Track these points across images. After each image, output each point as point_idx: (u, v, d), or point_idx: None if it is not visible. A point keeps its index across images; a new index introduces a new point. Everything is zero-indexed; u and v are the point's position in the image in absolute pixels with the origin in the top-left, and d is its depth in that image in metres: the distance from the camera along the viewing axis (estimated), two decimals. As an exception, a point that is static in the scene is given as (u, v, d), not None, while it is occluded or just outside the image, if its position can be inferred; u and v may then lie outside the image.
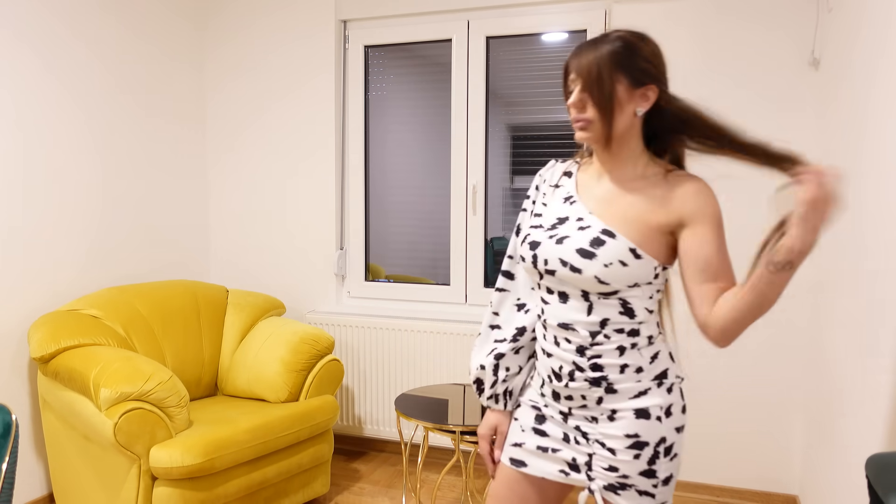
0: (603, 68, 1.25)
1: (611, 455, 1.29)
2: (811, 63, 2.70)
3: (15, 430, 1.43)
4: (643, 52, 1.27)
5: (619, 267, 1.27)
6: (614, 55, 1.25)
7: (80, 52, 2.86)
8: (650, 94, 1.28)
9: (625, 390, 1.29)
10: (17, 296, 2.64)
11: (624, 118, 1.29)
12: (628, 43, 1.26)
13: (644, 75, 1.27)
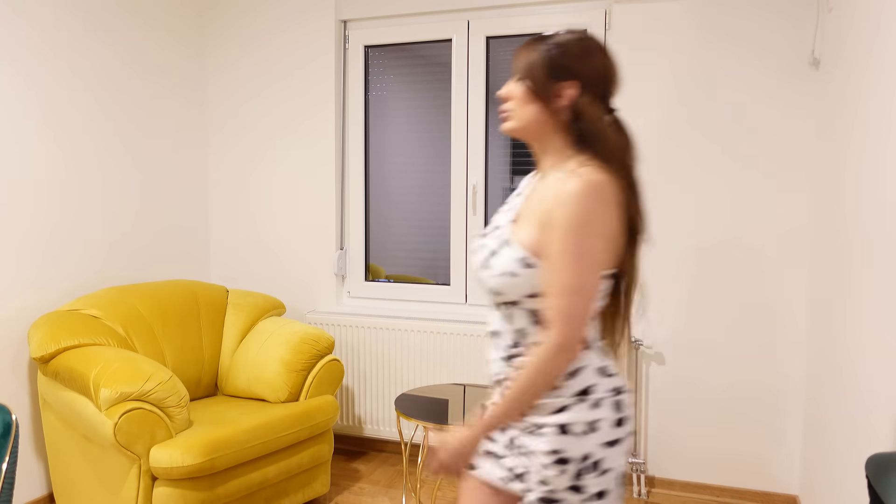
0: (529, 63, 1.26)
1: (541, 468, 1.25)
2: (811, 63, 2.70)
3: (15, 430, 1.43)
4: (570, 50, 1.25)
5: (510, 278, 1.24)
6: (542, 52, 1.26)
7: (82, 42, 2.86)
8: (569, 92, 1.25)
9: (544, 405, 1.26)
10: (17, 296, 2.64)
11: (539, 111, 1.27)
12: (559, 41, 1.26)
13: (563, 72, 1.24)
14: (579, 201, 1.16)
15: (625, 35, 2.92)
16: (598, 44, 1.27)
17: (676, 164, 2.90)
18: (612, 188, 1.19)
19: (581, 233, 1.16)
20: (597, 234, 1.17)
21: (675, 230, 2.91)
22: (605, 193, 1.17)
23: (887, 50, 1.76)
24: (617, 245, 1.24)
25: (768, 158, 2.78)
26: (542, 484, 1.25)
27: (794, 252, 2.77)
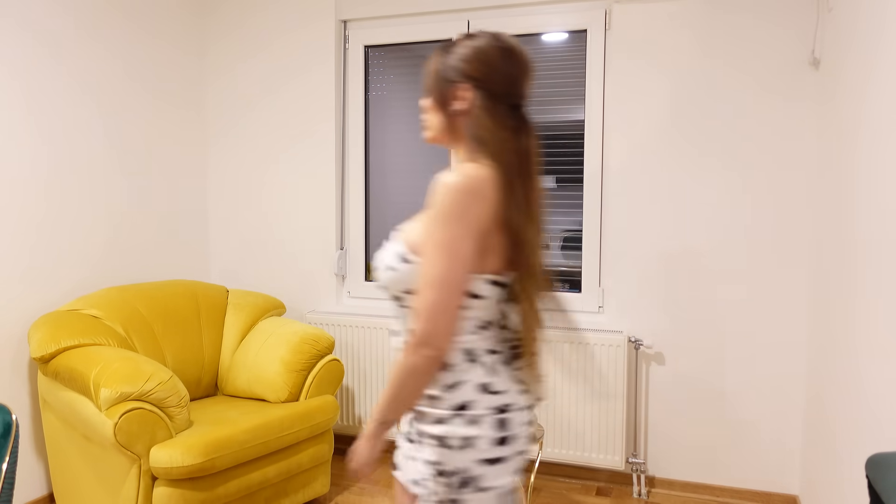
0: (428, 73, 1.28)
1: (428, 477, 1.24)
2: (811, 63, 2.70)
3: (15, 430, 1.43)
4: (463, 52, 1.24)
5: (390, 272, 1.24)
6: (438, 61, 1.27)
7: (82, 48, 2.86)
8: (466, 94, 1.24)
9: (427, 415, 1.25)
10: (17, 296, 2.64)
11: (445, 117, 1.28)
12: (453, 47, 1.27)
13: (457, 74, 1.24)
14: (450, 193, 1.14)
15: (625, 35, 2.92)
16: (497, 44, 1.25)
17: (676, 164, 2.90)
18: (489, 185, 1.16)
19: (448, 224, 1.13)
20: (465, 227, 1.13)
21: (675, 230, 2.91)
22: (478, 188, 1.14)
23: (889, 49, 1.76)
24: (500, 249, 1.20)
25: (768, 158, 2.78)
26: (432, 493, 1.24)
27: (795, 252, 2.77)
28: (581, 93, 3.07)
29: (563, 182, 3.13)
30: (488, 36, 1.25)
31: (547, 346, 2.99)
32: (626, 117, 2.95)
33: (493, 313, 1.26)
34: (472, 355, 1.25)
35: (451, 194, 1.13)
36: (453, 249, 1.13)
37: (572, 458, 2.99)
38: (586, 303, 3.10)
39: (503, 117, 1.22)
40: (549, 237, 3.18)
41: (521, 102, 1.26)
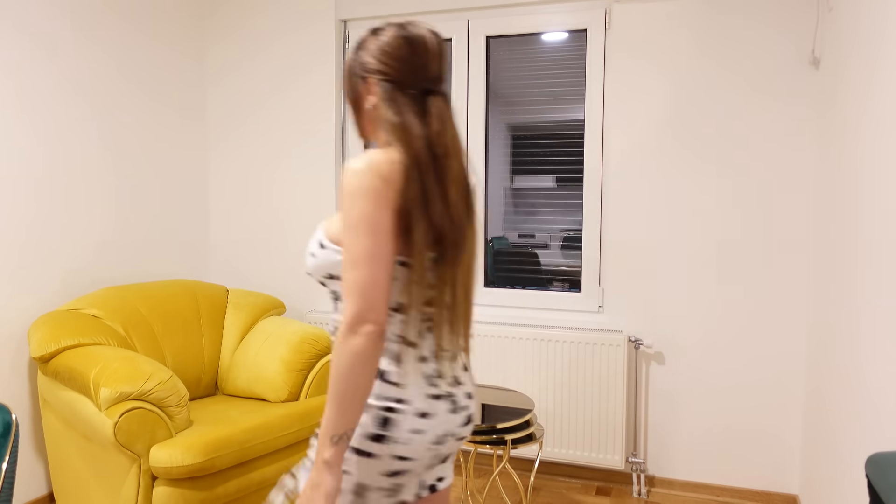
0: (348, 69, 1.31)
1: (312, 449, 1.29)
2: (811, 62, 2.70)
3: (15, 430, 1.43)
4: (368, 44, 1.26)
5: (310, 258, 1.27)
6: (353, 55, 1.29)
7: (81, 49, 2.86)
8: (374, 88, 1.25)
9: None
10: (17, 295, 2.64)
11: (362, 112, 1.31)
12: (362, 38, 1.29)
13: (365, 69, 1.26)
14: (357, 175, 1.16)
15: (625, 34, 2.92)
16: (401, 33, 1.24)
17: (676, 163, 2.90)
18: (395, 168, 1.17)
19: (360, 201, 1.14)
20: (377, 202, 1.14)
21: (676, 229, 2.91)
22: (383, 170, 1.16)
23: (891, 48, 1.76)
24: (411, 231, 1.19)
25: (768, 157, 2.78)
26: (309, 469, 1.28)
27: (795, 252, 2.77)
28: (581, 92, 3.07)
29: (562, 182, 3.13)
30: (394, 27, 1.25)
31: (547, 345, 2.99)
32: (626, 117, 2.95)
33: (405, 297, 1.22)
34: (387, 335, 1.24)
35: (357, 176, 1.16)
36: (370, 223, 1.13)
37: (572, 458, 2.99)
38: (586, 302, 3.10)
39: (409, 105, 1.22)
40: (549, 236, 3.18)
41: (431, 87, 1.25)
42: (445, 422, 1.25)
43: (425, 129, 1.21)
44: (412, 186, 1.17)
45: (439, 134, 1.22)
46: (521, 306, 3.20)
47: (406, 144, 1.19)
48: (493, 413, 2.40)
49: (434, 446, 1.24)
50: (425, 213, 1.18)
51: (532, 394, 3.05)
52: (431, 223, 1.19)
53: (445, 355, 1.27)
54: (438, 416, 1.24)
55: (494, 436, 2.31)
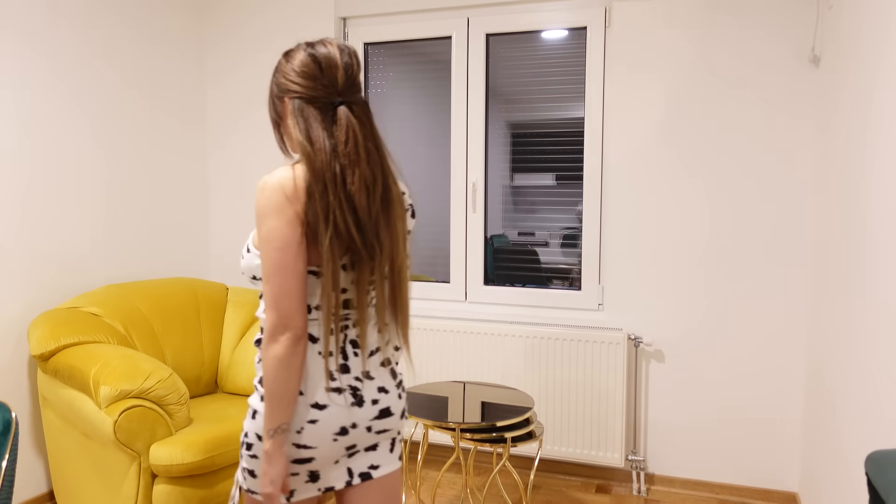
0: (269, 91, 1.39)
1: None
2: (811, 60, 2.70)
3: (15, 428, 1.43)
4: (282, 67, 1.34)
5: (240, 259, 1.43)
6: (272, 78, 1.38)
7: (80, 51, 2.86)
8: (287, 107, 1.34)
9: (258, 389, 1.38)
10: (16, 293, 2.64)
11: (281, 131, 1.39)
12: (278, 62, 1.37)
13: (279, 88, 1.34)
14: (262, 192, 1.26)
15: (625, 32, 2.92)
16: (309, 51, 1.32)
17: (676, 161, 2.89)
18: (296, 183, 1.25)
19: (266, 219, 1.24)
20: (281, 218, 1.24)
21: (675, 227, 2.91)
22: (286, 186, 1.25)
23: (890, 46, 1.76)
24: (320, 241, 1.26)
25: (768, 154, 2.78)
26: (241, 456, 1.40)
27: (795, 249, 2.77)
28: (581, 90, 3.07)
29: (562, 180, 3.13)
30: (303, 47, 1.33)
31: (547, 343, 2.99)
32: (626, 115, 2.95)
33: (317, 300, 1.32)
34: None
35: (263, 193, 1.26)
36: (278, 239, 1.24)
37: (572, 456, 3.00)
38: (586, 300, 3.10)
39: (319, 118, 1.29)
40: (549, 234, 3.18)
41: (341, 99, 1.31)
42: (346, 414, 1.34)
43: (332, 141, 1.28)
44: (314, 200, 1.25)
45: (345, 143, 1.28)
46: (521, 304, 3.20)
47: (309, 160, 1.26)
48: (492, 411, 2.40)
49: (338, 437, 1.33)
50: (329, 225, 1.25)
51: (532, 392, 3.05)
52: (337, 232, 1.26)
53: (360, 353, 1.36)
54: (335, 408, 1.32)
55: (494, 434, 2.31)
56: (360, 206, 1.29)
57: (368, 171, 1.30)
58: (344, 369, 1.34)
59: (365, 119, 1.33)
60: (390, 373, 1.41)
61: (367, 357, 1.37)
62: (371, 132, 1.33)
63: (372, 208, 1.31)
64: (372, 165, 1.31)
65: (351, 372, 1.35)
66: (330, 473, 1.37)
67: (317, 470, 1.35)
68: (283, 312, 1.24)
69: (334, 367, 1.33)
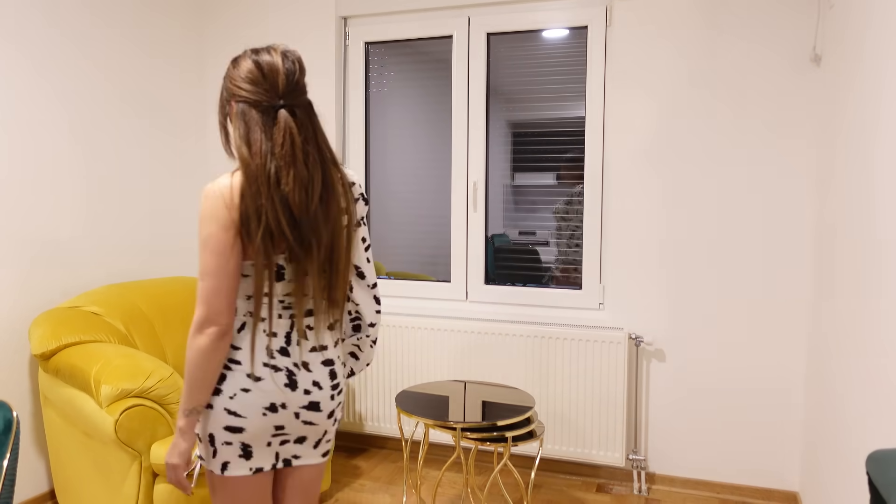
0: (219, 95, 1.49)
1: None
2: (812, 59, 2.70)
3: (16, 427, 1.43)
4: (230, 73, 1.44)
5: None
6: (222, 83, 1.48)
7: (79, 56, 2.86)
8: (233, 111, 1.42)
9: None
10: (17, 292, 2.64)
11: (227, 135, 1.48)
12: (227, 69, 1.47)
13: (227, 93, 1.44)
14: (203, 200, 1.38)
15: (626, 31, 2.92)
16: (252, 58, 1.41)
17: (677, 160, 2.89)
18: (233, 191, 1.36)
19: (203, 225, 1.36)
20: (217, 224, 1.35)
21: (677, 227, 2.91)
22: (224, 194, 1.35)
23: (890, 45, 1.75)
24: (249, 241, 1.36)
25: (770, 153, 2.78)
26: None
27: (796, 249, 2.77)
28: (581, 89, 3.07)
29: (563, 179, 3.13)
30: (249, 54, 1.42)
31: (548, 342, 2.99)
32: (627, 114, 2.94)
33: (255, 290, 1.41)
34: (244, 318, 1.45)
35: (204, 200, 1.37)
36: (214, 243, 1.35)
37: (573, 455, 3.00)
38: (587, 300, 3.10)
39: (260, 121, 1.39)
40: (549, 234, 3.17)
41: (283, 103, 1.40)
42: (279, 392, 1.44)
43: (270, 143, 1.37)
44: (246, 203, 1.35)
45: (282, 145, 1.37)
46: (522, 303, 3.20)
47: (244, 162, 1.36)
48: (493, 410, 2.40)
49: (267, 412, 1.43)
50: (261, 224, 1.35)
51: (533, 391, 3.05)
52: (269, 230, 1.36)
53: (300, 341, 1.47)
54: (269, 383, 1.43)
55: (495, 433, 2.31)
56: (295, 205, 1.38)
57: (305, 171, 1.39)
58: (284, 353, 1.45)
59: (307, 121, 1.42)
60: (329, 373, 1.50)
61: (308, 350, 1.47)
62: (312, 134, 1.42)
63: (309, 206, 1.40)
64: (310, 165, 1.40)
65: (290, 357, 1.45)
66: (261, 454, 1.47)
67: (249, 445, 1.44)
68: (212, 309, 1.36)
69: (276, 347, 1.44)
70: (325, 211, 1.43)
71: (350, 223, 1.49)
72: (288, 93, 1.40)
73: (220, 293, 1.36)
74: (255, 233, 1.35)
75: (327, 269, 1.45)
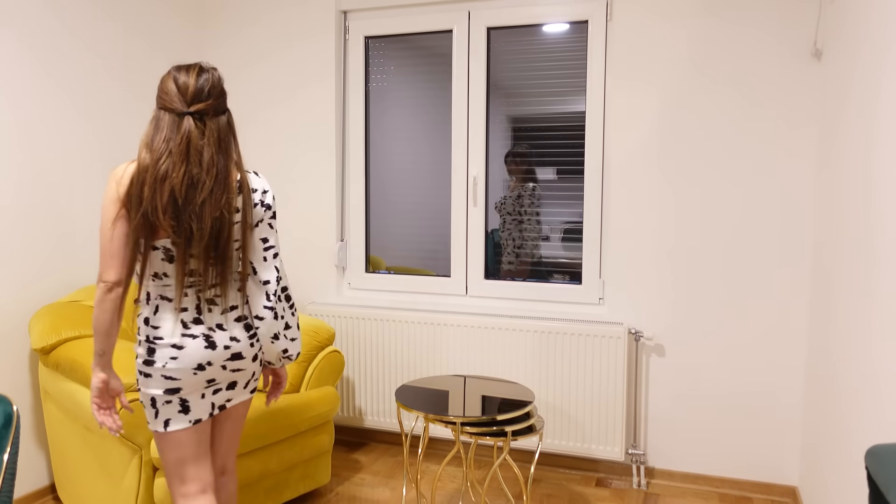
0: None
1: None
2: (813, 54, 2.69)
3: (16, 421, 1.43)
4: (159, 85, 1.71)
5: None
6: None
7: (79, 52, 2.85)
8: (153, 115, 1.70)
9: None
10: (18, 287, 2.64)
11: None
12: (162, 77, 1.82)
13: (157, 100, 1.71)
14: (109, 178, 1.68)
15: (626, 25, 2.91)
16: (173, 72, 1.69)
17: (677, 155, 2.89)
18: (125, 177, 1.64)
19: (103, 198, 1.67)
20: (109, 202, 1.65)
21: (677, 222, 2.91)
22: (118, 177, 1.65)
23: (890, 40, 1.75)
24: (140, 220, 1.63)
25: (770, 149, 2.77)
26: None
27: (796, 243, 2.77)
28: (582, 84, 3.06)
29: (563, 174, 3.13)
30: (172, 70, 1.70)
31: (548, 337, 3.00)
32: (627, 109, 2.94)
33: (161, 268, 1.70)
34: (148, 297, 1.74)
35: (110, 180, 1.66)
36: (106, 215, 1.65)
37: (572, 450, 3.00)
38: (587, 294, 3.10)
39: (169, 124, 1.66)
40: (549, 229, 3.17)
41: (188, 111, 1.65)
42: (201, 354, 1.70)
43: (168, 144, 1.64)
44: (132, 188, 1.63)
45: (178, 144, 1.64)
46: (522, 298, 3.20)
47: (139, 157, 1.65)
48: (493, 405, 2.40)
49: (197, 371, 1.70)
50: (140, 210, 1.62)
51: (532, 386, 3.05)
52: (145, 216, 1.62)
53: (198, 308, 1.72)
54: (190, 349, 1.70)
55: (495, 427, 2.32)
56: (180, 196, 1.63)
57: (197, 169, 1.64)
58: (197, 322, 1.72)
59: (214, 128, 1.68)
60: (244, 326, 1.77)
61: (219, 314, 1.74)
62: (216, 139, 1.68)
63: (195, 199, 1.64)
64: (204, 164, 1.65)
65: (205, 323, 1.72)
66: (198, 406, 1.74)
67: (187, 400, 1.72)
68: (101, 266, 1.65)
69: (189, 319, 1.71)
70: (214, 205, 1.66)
71: (245, 221, 1.72)
72: (195, 103, 1.66)
73: (105, 254, 1.64)
74: (134, 215, 1.62)
75: (213, 255, 1.69)
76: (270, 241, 1.79)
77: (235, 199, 1.71)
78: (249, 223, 1.74)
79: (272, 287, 1.79)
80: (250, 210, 1.73)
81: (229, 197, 1.68)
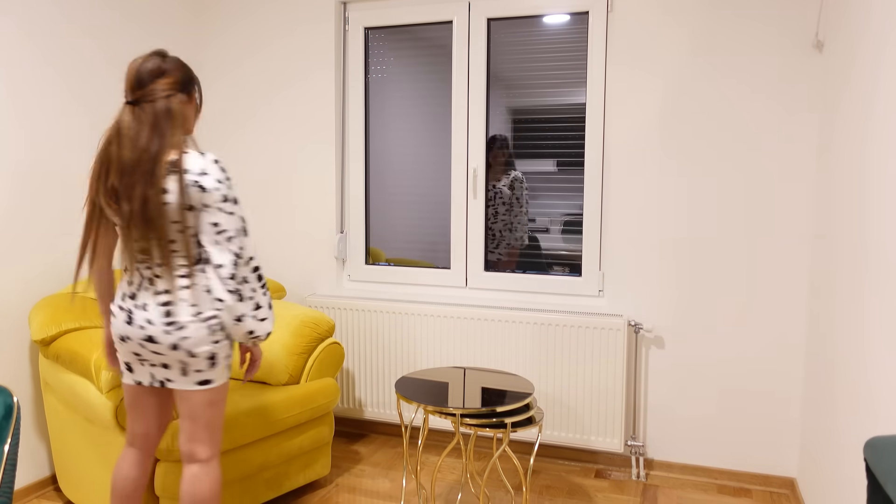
0: None
1: None
2: (815, 45, 2.68)
3: (17, 412, 1.43)
4: None
5: None
6: None
7: (79, 42, 2.84)
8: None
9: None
10: (18, 278, 2.64)
11: None
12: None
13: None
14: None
15: (627, 16, 2.90)
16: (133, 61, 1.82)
17: (677, 147, 2.88)
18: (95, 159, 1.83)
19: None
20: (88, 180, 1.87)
21: (677, 214, 2.90)
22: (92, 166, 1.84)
23: (890, 33, 1.74)
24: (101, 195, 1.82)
25: (770, 141, 2.77)
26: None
27: (796, 235, 2.76)
28: (582, 76, 3.05)
29: (563, 166, 3.12)
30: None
31: (547, 329, 3.00)
32: (628, 100, 2.93)
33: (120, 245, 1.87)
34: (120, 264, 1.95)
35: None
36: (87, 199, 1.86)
37: (571, 441, 3.01)
38: (586, 287, 3.10)
39: (121, 111, 1.81)
40: (549, 220, 3.17)
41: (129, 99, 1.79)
42: (121, 327, 1.85)
43: (108, 133, 1.80)
44: (92, 167, 1.82)
45: (116, 130, 1.79)
46: (522, 290, 3.20)
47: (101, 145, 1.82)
48: (492, 397, 2.40)
49: (120, 341, 1.87)
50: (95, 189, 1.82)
51: (532, 377, 3.06)
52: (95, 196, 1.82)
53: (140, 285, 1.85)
54: (118, 319, 1.87)
55: (494, 419, 2.32)
56: (116, 180, 1.78)
57: (128, 153, 1.76)
58: (133, 297, 1.85)
59: (150, 114, 1.77)
60: (164, 313, 1.81)
61: (151, 294, 1.83)
62: (151, 124, 1.77)
63: (127, 181, 1.76)
64: (136, 150, 1.75)
65: (136, 300, 1.85)
66: (138, 370, 1.90)
67: (127, 362, 1.90)
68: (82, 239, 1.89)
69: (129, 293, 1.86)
70: (143, 186, 1.74)
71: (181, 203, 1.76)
72: (134, 91, 1.78)
73: (87, 229, 1.86)
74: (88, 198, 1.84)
75: (152, 235, 1.77)
76: (223, 224, 1.79)
77: (164, 180, 1.75)
78: (185, 204, 1.77)
79: (225, 271, 1.79)
80: (184, 191, 1.76)
81: (155, 178, 1.75)
